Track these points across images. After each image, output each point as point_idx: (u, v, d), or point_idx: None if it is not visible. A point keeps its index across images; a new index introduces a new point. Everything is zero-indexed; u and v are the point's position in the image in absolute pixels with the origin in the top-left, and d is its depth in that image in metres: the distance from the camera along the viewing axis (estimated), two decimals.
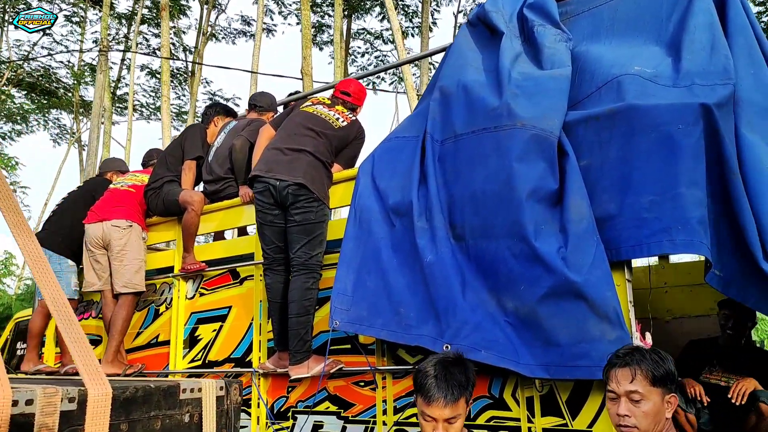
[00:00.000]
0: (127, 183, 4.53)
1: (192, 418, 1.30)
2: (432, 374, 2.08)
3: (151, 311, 4.46)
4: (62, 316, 1.01)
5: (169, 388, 1.26)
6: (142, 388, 1.18)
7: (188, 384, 1.32)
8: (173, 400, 1.26)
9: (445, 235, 2.89)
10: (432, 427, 2.05)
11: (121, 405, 1.12)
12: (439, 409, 2.04)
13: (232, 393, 1.42)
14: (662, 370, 1.93)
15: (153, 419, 1.19)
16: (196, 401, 1.31)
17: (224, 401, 1.40)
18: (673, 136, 2.52)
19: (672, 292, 4.44)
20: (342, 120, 3.77)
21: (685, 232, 2.41)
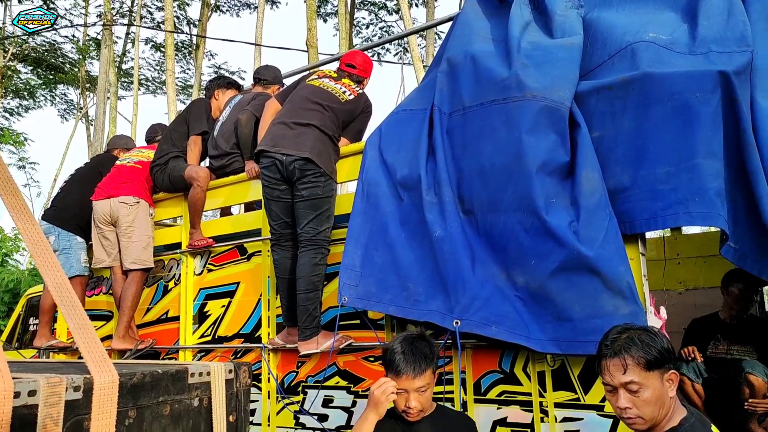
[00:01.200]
0: (134, 159, 4.50)
1: (201, 402, 1.29)
2: (399, 350, 2.19)
3: (161, 287, 4.46)
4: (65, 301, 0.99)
5: (178, 372, 1.24)
6: (149, 374, 1.15)
7: (197, 368, 1.30)
8: (182, 385, 1.24)
9: (454, 210, 2.84)
10: (404, 399, 2.16)
11: (129, 392, 1.10)
12: (409, 380, 2.15)
13: (241, 375, 1.41)
14: (654, 352, 1.79)
15: (162, 405, 1.17)
16: (205, 385, 1.30)
17: (233, 384, 1.38)
18: (691, 104, 2.44)
19: (685, 264, 4.41)
20: (349, 93, 3.70)
21: (702, 203, 2.36)
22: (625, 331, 1.89)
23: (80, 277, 4.53)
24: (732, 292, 3.78)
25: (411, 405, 2.16)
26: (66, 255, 4.50)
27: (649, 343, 1.81)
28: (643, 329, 1.89)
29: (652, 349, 1.79)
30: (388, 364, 2.21)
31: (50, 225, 4.55)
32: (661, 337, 1.85)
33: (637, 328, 1.89)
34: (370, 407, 2.14)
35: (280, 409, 3.65)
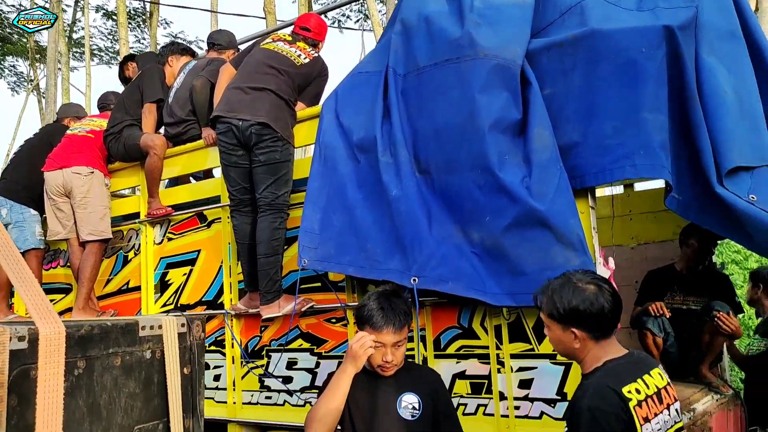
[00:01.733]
0: (85, 128, 4.39)
1: (154, 354, 1.30)
2: (378, 306, 2.23)
3: (120, 258, 4.41)
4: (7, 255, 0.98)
5: (128, 325, 1.25)
6: (98, 326, 1.16)
7: (147, 321, 1.32)
8: (132, 337, 1.25)
9: (410, 170, 2.87)
10: (381, 353, 2.21)
11: (77, 343, 1.11)
12: (389, 335, 2.20)
13: (194, 329, 1.42)
14: (555, 309, 1.88)
15: (112, 356, 1.19)
16: (157, 338, 1.31)
17: (186, 337, 1.40)
18: (636, 60, 2.50)
19: (637, 219, 4.54)
20: (304, 57, 3.67)
21: (647, 156, 2.43)
22: (560, 278, 1.96)
23: (36, 250, 4.44)
24: (691, 244, 3.91)
25: (389, 359, 2.21)
26: (20, 228, 4.40)
27: (557, 299, 1.88)
28: (570, 285, 1.90)
29: (556, 305, 1.88)
30: (366, 320, 2.23)
31: (2, 198, 4.43)
32: (581, 295, 1.84)
33: (567, 282, 1.93)
34: (348, 361, 2.17)
35: (245, 374, 3.69)
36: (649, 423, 1.70)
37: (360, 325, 2.28)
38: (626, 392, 1.70)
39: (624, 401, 1.68)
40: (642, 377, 1.77)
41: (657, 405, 1.73)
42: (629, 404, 1.68)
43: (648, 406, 1.71)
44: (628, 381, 1.74)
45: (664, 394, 1.79)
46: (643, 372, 1.79)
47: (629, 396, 1.70)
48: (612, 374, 1.79)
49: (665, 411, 1.75)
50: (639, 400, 1.70)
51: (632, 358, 1.86)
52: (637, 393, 1.72)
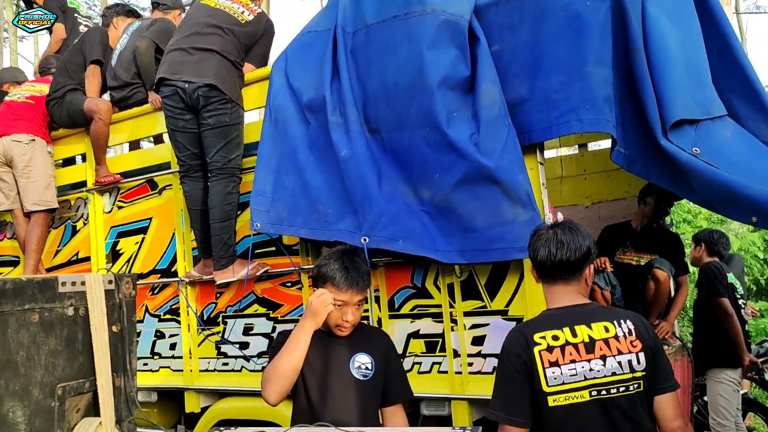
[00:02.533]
0: (25, 94, 4.21)
1: (77, 311, 1.26)
2: (341, 265, 2.17)
3: (68, 228, 4.28)
4: None
5: (45, 281, 1.21)
6: (11, 281, 1.12)
7: (68, 278, 1.27)
8: (51, 293, 1.20)
9: (359, 129, 2.84)
10: (341, 312, 2.16)
11: None
12: (351, 294, 2.15)
13: (123, 286, 1.38)
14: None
15: (28, 312, 1.14)
16: (80, 294, 1.27)
17: (115, 294, 1.36)
18: (581, 14, 2.50)
19: (591, 179, 4.60)
20: (247, 13, 3.55)
21: (591, 110, 2.44)
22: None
23: None
24: (648, 202, 3.99)
25: (348, 319, 2.17)
26: None
27: None
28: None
29: None
30: (327, 278, 2.17)
31: None
32: (533, 241, 1.95)
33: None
34: (308, 317, 2.10)
35: (201, 341, 3.65)
36: (558, 368, 1.75)
37: (320, 283, 2.22)
38: (537, 338, 1.79)
39: (529, 345, 1.78)
40: (573, 326, 1.80)
41: (578, 353, 1.76)
42: (534, 348, 1.77)
43: (563, 352, 1.76)
44: (547, 328, 1.81)
45: (601, 345, 1.76)
46: (577, 322, 1.81)
47: (538, 341, 1.78)
48: (535, 321, 1.90)
49: (594, 361, 1.75)
50: (551, 345, 1.77)
51: (574, 309, 1.87)
52: (553, 339, 1.78)
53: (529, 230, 2.47)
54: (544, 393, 1.75)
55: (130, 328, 1.38)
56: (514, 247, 2.52)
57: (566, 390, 1.75)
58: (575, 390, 1.75)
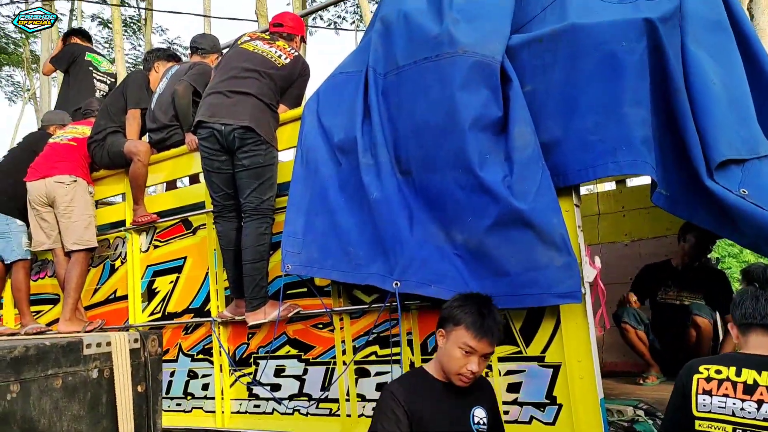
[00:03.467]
0: (68, 136, 4.34)
1: (102, 373, 1.24)
2: (478, 311, 2.13)
3: (107, 266, 4.36)
4: None
5: (69, 344, 1.19)
6: (34, 347, 1.10)
7: (94, 339, 1.25)
8: (75, 357, 1.19)
9: (390, 171, 2.81)
10: (468, 361, 2.11)
11: (9, 365, 1.05)
12: (485, 345, 2.11)
13: (149, 344, 1.36)
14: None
15: (51, 378, 1.13)
16: (105, 356, 1.25)
17: (140, 353, 1.34)
18: (617, 54, 2.44)
19: (630, 216, 4.47)
20: (285, 57, 3.61)
21: (629, 152, 2.36)
22: None
23: (23, 261, 4.39)
24: (689, 240, 3.86)
25: (473, 369, 2.11)
26: (5, 239, 4.35)
27: None
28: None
29: None
30: (461, 321, 2.12)
31: None
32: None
33: None
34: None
35: (233, 382, 3.63)
36: (710, 397, 1.94)
37: (450, 324, 2.16)
38: (702, 368, 2.00)
39: (692, 372, 2.01)
40: (741, 368, 1.94)
41: (734, 391, 1.91)
42: (694, 375, 1.99)
43: (719, 386, 1.95)
44: (716, 363, 2.01)
45: (762, 391, 1.87)
46: (749, 366, 1.94)
47: (701, 371, 2.00)
48: (712, 357, 2.13)
49: (748, 402, 1.88)
50: (711, 377, 1.97)
51: (758, 357, 1.98)
52: (716, 373, 1.97)
53: (564, 275, 2.42)
54: (693, 417, 1.95)
55: (155, 387, 1.36)
56: (549, 293, 2.44)
57: (712, 419, 1.93)
58: (720, 422, 1.91)
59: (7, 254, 4.37)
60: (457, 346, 2.13)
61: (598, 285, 2.57)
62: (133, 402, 1.27)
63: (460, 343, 2.13)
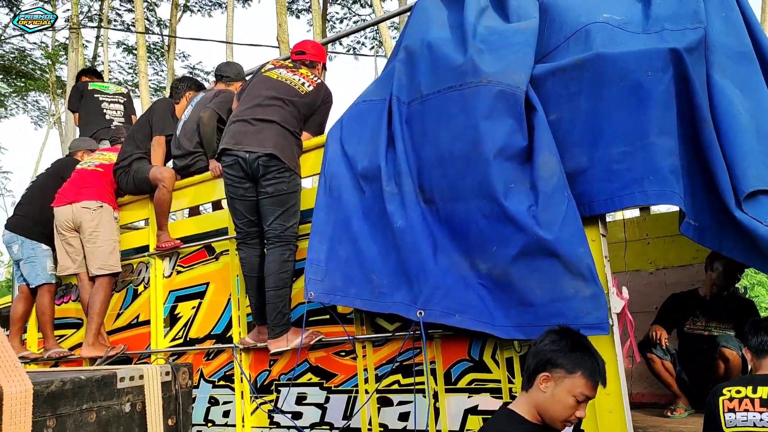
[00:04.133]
0: (95, 162, 4.42)
1: (134, 407, 1.24)
2: (593, 357, 2.00)
3: (130, 291, 4.39)
4: None
5: (104, 378, 1.20)
6: (70, 381, 1.11)
7: (127, 372, 1.26)
8: (109, 391, 1.20)
9: (414, 199, 2.82)
10: (580, 407, 1.98)
11: (46, 400, 1.06)
12: (596, 391, 2.00)
13: (180, 377, 1.37)
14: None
15: (86, 412, 1.13)
16: (138, 389, 1.26)
17: (171, 386, 1.34)
18: (643, 83, 2.44)
19: (654, 243, 4.42)
20: (308, 84, 3.65)
21: (656, 182, 2.35)
22: None
23: (47, 285, 4.45)
24: (716, 269, 3.80)
25: (583, 415, 2.00)
26: (31, 264, 4.42)
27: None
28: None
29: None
30: (580, 368, 1.97)
31: (13, 234, 4.46)
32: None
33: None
34: None
35: (254, 409, 3.62)
36: (734, 414, 2.26)
37: (562, 372, 1.97)
38: (725, 390, 2.32)
39: (717, 395, 2.32)
40: (757, 386, 2.28)
41: (753, 406, 2.24)
42: (719, 397, 2.31)
43: (740, 403, 2.27)
44: (736, 384, 2.34)
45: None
46: (763, 384, 2.27)
47: (724, 392, 2.31)
48: (737, 379, 2.62)
49: (765, 413, 2.21)
50: (733, 397, 2.29)
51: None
52: (736, 393, 2.29)
53: (591, 306, 2.39)
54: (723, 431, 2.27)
55: (185, 420, 1.36)
56: (576, 324, 2.40)
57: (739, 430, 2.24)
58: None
59: (32, 278, 4.43)
60: (572, 395, 1.97)
61: (626, 316, 2.53)
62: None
63: (576, 393, 1.97)
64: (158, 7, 22.77)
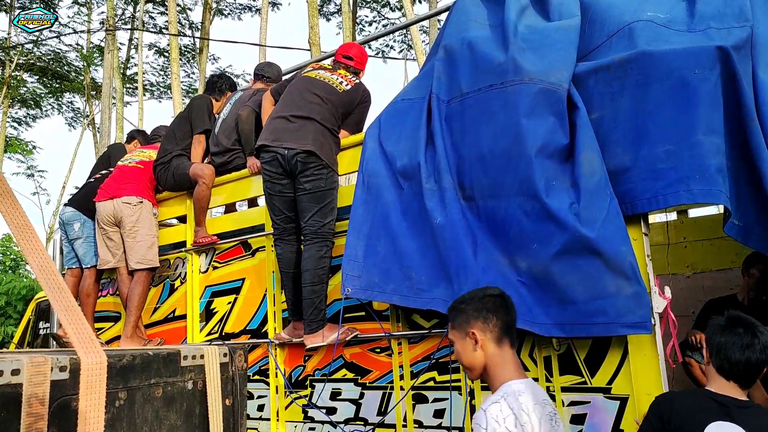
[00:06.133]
0: (135, 159, 4.51)
1: (195, 385, 1.28)
2: None
3: (167, 286, 4.47)
4: (51, 284, 0.98)
5: (169, 354, 1.23)
6: (140, 356, 1.15)
7: (189, 350, 1.30)
8: (174, 367, 1.23)
9: (454, 196, 2.83)
10: None
11: (118, 373, 1.09)
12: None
13: (236, 359, 1.40)
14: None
15: (154, 387, 1.17)
16: (199, 368, 1.29)
17: (229, 367, 1.37)
18: (689, 81, 2.41)
19: (692, 247, 4.36)
20: (346, 84, 3.69)
21: (703, 181, 2.32)
22: None
23: (95, 268, 4.54)
24: (753, 274, 3.74)
25: None
26: (90, 244, 4.51)
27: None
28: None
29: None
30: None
31: (76, 211, 4.56)
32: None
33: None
34: None
35: (289, 404, 3.65)
36: None
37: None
38: None
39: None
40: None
41: None
42: None
43: None
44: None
45: None
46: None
47: None
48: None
49: None
50: None
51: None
52: None
53: (633, 304, 2.37)
54: None
55: (241, 401, 1.39)
56: (618, 323, 2.39)
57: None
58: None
59: (89, 258, 4.52)
60: None
61: (668, 315, 2.50)
62: (223, 415, 1.30)
63: None
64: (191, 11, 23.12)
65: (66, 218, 4.61)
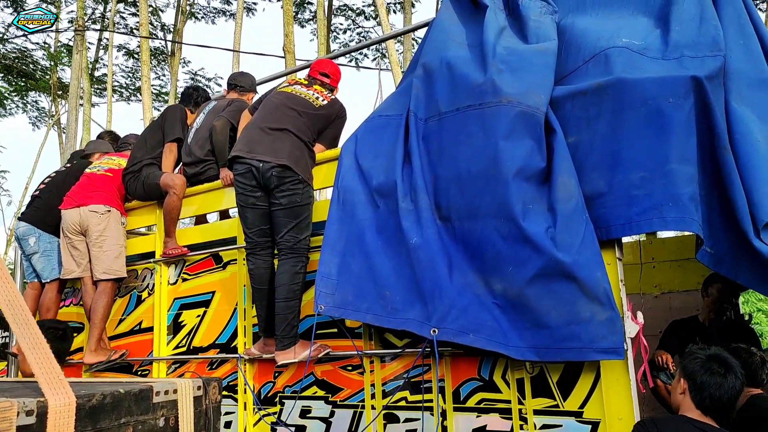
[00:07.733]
0: (104, 167, 4.40)
1: (167, 421, 1.23)
2: None
3: (134, 297, 4.36)
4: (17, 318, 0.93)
5: (141, 392, 1.19)
6: (110, 395, 1.10)
7: (162, 386, 1.25)
8: (146, 405, 1.18)
9: (430, 217, 2.81)
10: None
11: (87, 414, 1.04)
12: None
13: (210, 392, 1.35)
14: None
15: (124, 426, 1.11)
16: (172, 403, 1.24)
17: (202, 401, 1.33)
18: (664, 110, 2.45)
19: (660, 267, 4.43)
20: (322, 99, 3.66)
21: (676, 209, 2.36)
22: None
23: (58, 281, 4.40)
24: (711, 294, 3.81)
25: None
26: (47, 257, 4.38)
27: None
28: None
29: None
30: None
31: (30, 226, 4.42)
32: None
33: None
34: None
35: (257, 421, 3.58)
36: None
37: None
38: None
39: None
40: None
41: None
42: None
43: None
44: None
45: None
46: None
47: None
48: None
49: None
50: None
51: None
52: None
53: (607, 330, 2.39)
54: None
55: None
56: (591, 348, 2.41)
57: None
58: None
59: (47, 272, 4.39)
60: None
61: (640, 341, 2.53)
62: None
63: None
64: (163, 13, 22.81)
65: (20, 233, 4.47)
